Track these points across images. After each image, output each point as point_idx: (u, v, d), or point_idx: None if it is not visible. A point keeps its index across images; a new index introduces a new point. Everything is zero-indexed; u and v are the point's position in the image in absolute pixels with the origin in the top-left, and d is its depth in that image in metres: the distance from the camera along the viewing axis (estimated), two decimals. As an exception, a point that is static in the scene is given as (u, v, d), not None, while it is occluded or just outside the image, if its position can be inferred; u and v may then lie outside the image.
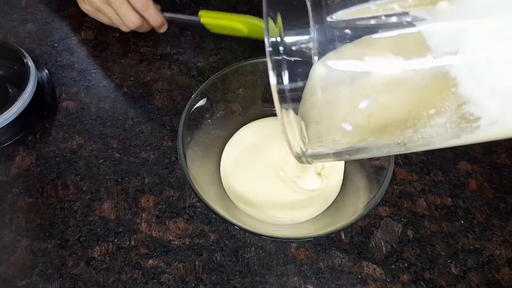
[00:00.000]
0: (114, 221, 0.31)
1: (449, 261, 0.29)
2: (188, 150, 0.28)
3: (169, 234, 0.30)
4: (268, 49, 0.17)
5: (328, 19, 0.17)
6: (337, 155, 0.20)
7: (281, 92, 0.18)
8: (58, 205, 0.31)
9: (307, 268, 0.29)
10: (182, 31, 0.41)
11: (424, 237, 0.30)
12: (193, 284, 0.28)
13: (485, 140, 0.18)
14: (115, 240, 0.30)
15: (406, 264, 0.29)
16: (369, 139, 0.18)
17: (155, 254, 0.29)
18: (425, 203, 0.32)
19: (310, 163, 0.21)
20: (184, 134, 0.28)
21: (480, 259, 0.30)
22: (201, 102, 0.30)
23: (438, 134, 0.17)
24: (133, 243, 0.30)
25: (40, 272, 0.28)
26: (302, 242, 0.30)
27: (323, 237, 0.30)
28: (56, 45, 0.40)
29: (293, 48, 0.17)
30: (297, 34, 0.17)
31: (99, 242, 0.30)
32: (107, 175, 0.33)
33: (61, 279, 0.28)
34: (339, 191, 0.31)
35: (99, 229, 0.30)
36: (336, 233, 0.30)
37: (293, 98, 0.18)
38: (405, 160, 0.34)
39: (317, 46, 0.17)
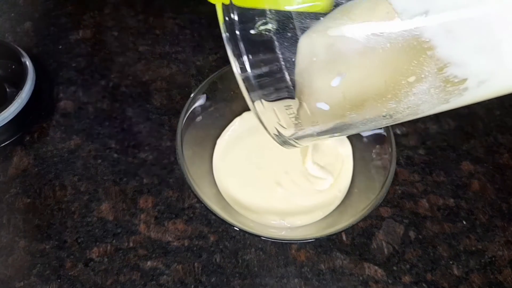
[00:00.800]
0: (112, 222, 0.30)
1: (451, 262, 0.29)
2: (187, 150, 0.28)
3: (168, 235, 0.30)
4: (225, 34, 0.16)
5: None
6: (321, 134, 0.20)
7: (247, 80, 0.17)
8: (56, 205, 0.31)
9: (308, 269, 0.29)
10: (181, 29, 0.41)
11: (426, 238, 0.30)
12: (192, 286, 0.28)
13: (481, 100, 0.17)
14: (114, 241, 0.29)
15: (408, 266, 0.29)
16: (350, 115, 0.18)
17: (154, 255, 0.29)
18: (427, 204, 0.31)
19: (295, 146, 0.21)
20: (183, 134, 0.28)
21: (483, 260, 0.29)
22: (201, 102, 0.30)
23: (424, 102, 0.16)
24: (131, 244, 0.29)
25: (38, 273, 0.28)
26: (302, 244, 0.30)
27: (324, 238, 0.30)
28: (53, 44, 0.40)
29: (252, 32, 0.16)
30: (253, 17, 0.16)
31: (97, 243, 0.29)
32: (105, 175, 0.32)
33: (59, 280, 0.28)
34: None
35: (97, 230, 0.30)
36: (337, 234, 0.30)
37: (261, 85, 0.17)
38: (407, 161, 0.34)
39: (276, 26, 0.16)
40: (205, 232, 0.30)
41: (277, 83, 0.18)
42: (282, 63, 0.17)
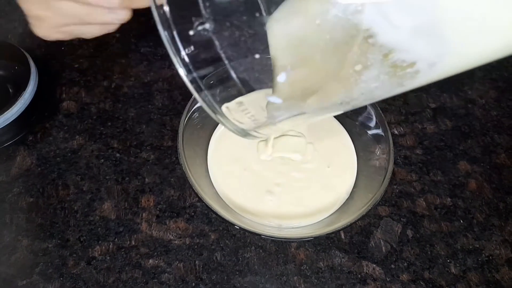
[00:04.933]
0: (114, 221, 0.31)
1: (448, 260, 0.30)
2: (188, 150, 0.28)
3: (170, 234, 0.30)
4: (166, 43, 0.17)
5: None
6: (281, 122, 0.20)
7: (194, 81, 0.17)
8: (58, 205, 0.31)
9: (307, 267, 0.29)
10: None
11: (423, 237, 0.30)
12: (193, 284, 0.28)
13: (439, 79, 0.17)
14: (116, 239, 0.30)
15: (405, 264, 0.29)
16: (303, 106, 0.18)
17: (155, 253, 0.29)
18: (424, 203, 0.32)
19: (257, 137, 0.21)
20: (184, 134, 0.28)
21: (480, 259, 0.30)
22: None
23: (377, 87, 0.16)
24: (133, 243, 0.30)
25: (40, 271, 0.29)
26: (302, 242, 0.30)
27: (323, 237, 0.30)
28: (56, 45, 0.40)
29: (191, 32, 0.17)
30: (190, 18, 0.17)
31: (100, 241, 0.30)
32: (108, 175, 0.33)
33: (61, 278, 0.28)
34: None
35: (99, 228, 0.30)
36: (336, 233, 0.30)
37: (208, 84, 0.17)
38: (405, 160, 0.34)
39: (213, 26, 0.16)
40: (206, 231, 0.30)
41: (224, 82, 0.18)
42: (226, 61, 0.17)
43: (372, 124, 0.30)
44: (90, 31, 0.28)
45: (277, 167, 0.30)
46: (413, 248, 0.30)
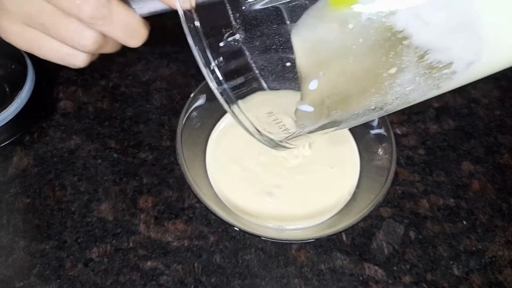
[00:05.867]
0: (112, 222, 0.30)
1: (451, 262, 0.29)
2: (187, 150, 0.28)
3: (168, 236, 0.30)
4: (198, 57, 0.17)
5: (244, 7, 0.16)
6: (313, 132, 0.19)
7: (224, 92, 0.17)
8: (55, 206, 0.31)
9: (308, 270, 0.29)
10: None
11: (426, 238, 0.30)
12: (192, 286, 0.28)
13: (476, 79, 0.16)
14: (113, 241, 0.29)
15: (408, 266, 0.29)
16: (336, 113, 0.17)
17: (153, 255, 0.29)
18: (427, 204, 0.31)
19: (288, 148, 0.20)
20: (183, 134, 0.28)
21: (483, 260, 0.29)
22: (200, 102, 0.30)
23: (413, 90, 0.16)
24: (131, 245, 0.29)
25: (37, 273, 0.28)
26: (302, 244, 0.29)
27: (324, 238, 0.30)
28: (54, 43, 0.40)
29: (221, 44, 0.17)
30: (220, 32, 0.17)
31: (97, 243, 0.29)
32: (105, 175, 0.32)
33: (59, 280, 0.28)
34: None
35: (97, 230, 0.30)
36: (337, 234, 0.30)
37: (239, 96, 0.17)
38: (407, 161, 0.33)
39: (243, 36, 0.16)
40: (205, 232, 0.30)
41: (253, 92, 0.18)
42: (256, 71, 0.17)
43: (375, 123, 0.30)
44: (48, 51, 0.23)
45: (277, 168, 0.30)
46: (416, 250, 0.29)
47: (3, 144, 0.33)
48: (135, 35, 0.23)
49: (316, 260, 0.29)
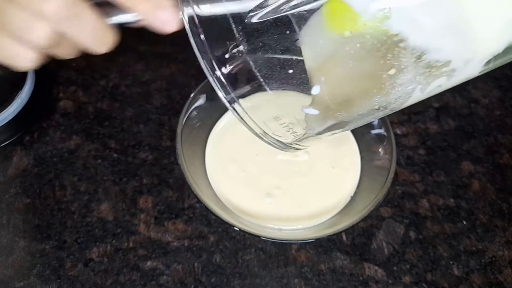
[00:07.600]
0: (112, 222, 0.30)
1: (451, 262, 0.29)
2: (187, 150, 0.28)
3: (168, 235, 0.30)
4: (205, 69, 0.18)
5: (246, 20, 0.17)
6: (320, 133, 0.20)
7: (232, 101, 0.18)
8: (55, 206, 0.31)
9: (308, 270, 0.29)
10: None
11: (426, 238, 0.30)
12: (192, 286, 0.28)
13: (476, 75, 0.17)
14: (113, 241, 0.29)
15: (408, 266, 0.29)
16: (341, 115, 0.18)
17: (153, 255, 0.29)
18: (427, 204, 0.31)
19: (298, 149, 0.21)
20: (183, 134, 0.28)
21: (483, 261, 0.29)
22: (200, 102, 0.30)
23: (414, 89, 0.16)
24: (131, 245, 0.29)
25: (37, 273, 0.28)
26: (303, 244, 0.29)
27: (324, 238, 0.30)
28: (53, 43, 0.40)
29: (226, 56, 0.18)
30: (224, 44, 0.18)
31: (97, 243, 0.29)
32: (105, 175, 0.32)
33: (59, 280, 0.28)
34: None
35: (97, 230, 0.30)
36: (337, 234, 0.30)
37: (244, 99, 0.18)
38: (408, 161, 0.33)
39: (246, 47, 0.17)
40: (205, 232, 0.30)
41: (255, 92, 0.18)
42: (261, 80, 0.18)
43: (375, 123, 0.30)
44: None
45: (277, 168, 0.30)
46: (416, 250, 0.29)
47: (3, 144, 0.33)
48: (100, 41, 0.21)
49: (316, 260, 0.29)
